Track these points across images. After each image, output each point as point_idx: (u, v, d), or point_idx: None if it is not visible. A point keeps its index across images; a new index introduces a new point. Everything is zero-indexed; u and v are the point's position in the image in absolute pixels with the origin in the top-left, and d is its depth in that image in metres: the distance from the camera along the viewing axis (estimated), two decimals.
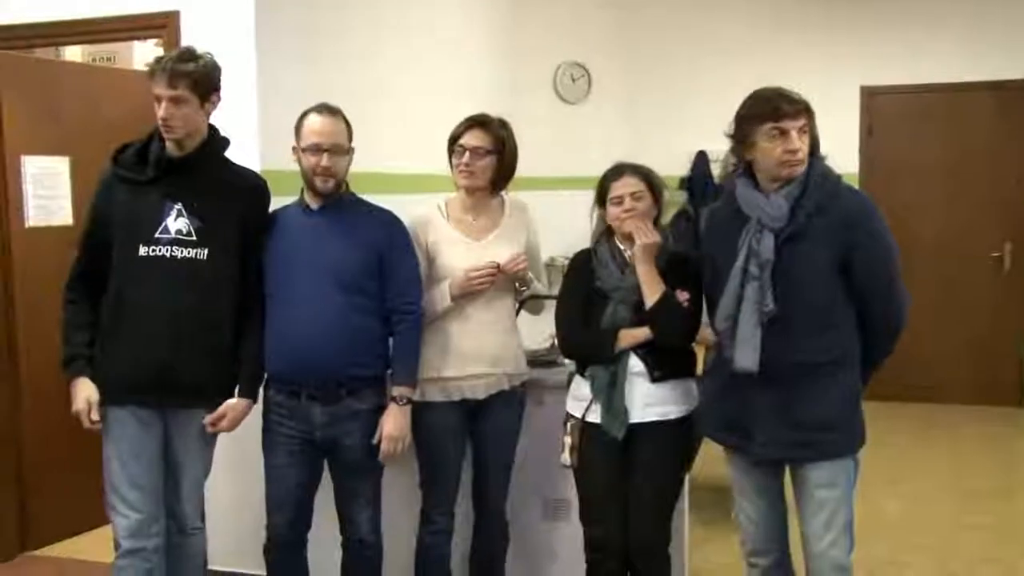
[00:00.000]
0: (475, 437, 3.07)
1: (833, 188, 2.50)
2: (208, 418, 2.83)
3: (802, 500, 2.59)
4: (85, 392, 2.77)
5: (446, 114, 4.81)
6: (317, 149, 2.82)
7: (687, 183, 6.35)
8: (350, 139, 2.90)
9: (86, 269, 2.83)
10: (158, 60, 2.75)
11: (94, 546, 4.08)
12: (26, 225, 4.10)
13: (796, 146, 2.45)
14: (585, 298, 2.88)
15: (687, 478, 3.01)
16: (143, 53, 5.16)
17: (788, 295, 2.47)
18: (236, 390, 2.88)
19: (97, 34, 3.92)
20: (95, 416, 2.76)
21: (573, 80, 6.49)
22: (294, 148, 2.88)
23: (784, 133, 2.45)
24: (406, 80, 4.53)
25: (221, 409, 2.83)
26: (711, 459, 3.15)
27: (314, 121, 2.85)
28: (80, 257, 2.86)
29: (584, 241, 5.35)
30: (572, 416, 2.90)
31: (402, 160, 4.01)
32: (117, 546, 2.82)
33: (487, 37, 5.68)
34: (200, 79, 2.72)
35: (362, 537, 2.94)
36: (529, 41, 6.09)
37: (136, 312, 2.75)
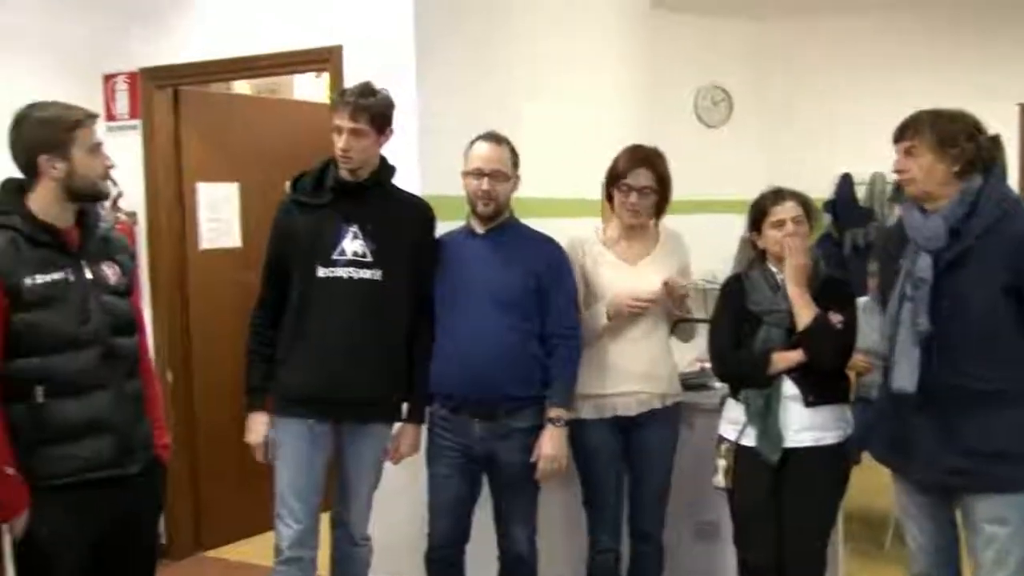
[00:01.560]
0: (630, 456, 3.12)
1: (1009, 210, 2.45)
2: (390, 448, 3.00)
3: (970, 532, 2.54)
4: (259, 428, 2.96)
5: (590, 139, 4.93)
6: (479, 174, 2.95)
7: (831, 206, 6.24)
8: (514, 166, 3.00)
9: (270, 293, 2.99)
10: (341, 94, 2.91)
11: (258, 550, 4.26)
12: (200, 248, 4.39)
13: (899, 167, 2.54)
14: (738, 321, 2.91)
15: (841, 506, 2.99)
16: (302, 85, 5.44)
17: (949, 317, 2.44)
18: (405, 413, 3.02)
19: (266, 69, 4.15)
20: (271, 455, 2.94)
21: (714, 103, 6.47)
22: (463, 172, 3.01)
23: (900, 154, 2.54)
24: (553, 108, 4.64)
25: (395, 440, 3.00)
26: (865, 490, 3.11)
27: (479, 147, 2.98)
28: (264, 282, 3.02)
29: (723, 265, 5.38)
30: (725, 439, 2.92)
31: (553, 185, 4.12)
32: (278, 553, 2.97)
33: (627, 62, 5.74)
34: (378, 114, 2.86)
35: (518, 553, 3.03)
36: (669, 64, 6.12)
37: (313, 329, 2.89)
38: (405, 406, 3.04)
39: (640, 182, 3.07)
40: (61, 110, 2.44)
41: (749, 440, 2.84)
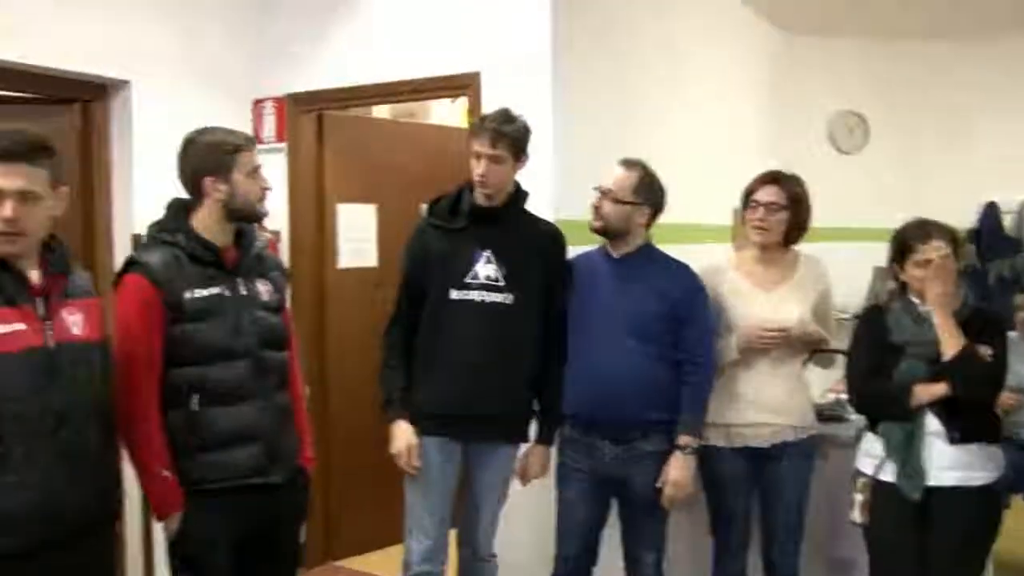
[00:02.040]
0: (762, 488, 3.08)
1: None
2: (518, 471, 3.03)
3: None
4: (405, 436, 2.95)
5: (722, 165, 4.91)
6: (597, 190, 3.01)
7: (974, 236, 6.01)
8: (639, 196, 3.00)
9: (404, 312, 3.06)
10: (480, 120, 2.97)
11: (386, 562, 4.36)
12: (338, 266, 4.54)
13: None
14: (878, 352, 2.85)
15: (991, 552, 2.87)
16: (439, 109, 5.58)
17: None
18: (535, 434, 3.05)
19: (406, 95, 4.28)
20: (415, 462, 2.93)
21: (849, 129, 6.34)
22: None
23: None
24: (687, 134, 4.65)
25: (524, 461, 3.03)
26: (1017, 535, 2.97)
27: (611, 170, 3.03)
28: (399, 301, 3.09)
29: (855, 295, 5.24)
30: (863, 473, 2.85)
31: (685, 211, 4.10)
32: (407, 567, 3.03)
33: (759, 88, 5.70)
34: (517, 141, 2.92)
35: None
36: (802, 90, 6.04)
37: (445, 350, 2.95)
38: (534, 427, 3.07)
39: (766, 198, 3.05)
40: (224, 135, 2.59)
41: (888, 476, 2.76)
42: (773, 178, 3.09)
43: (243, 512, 2.53)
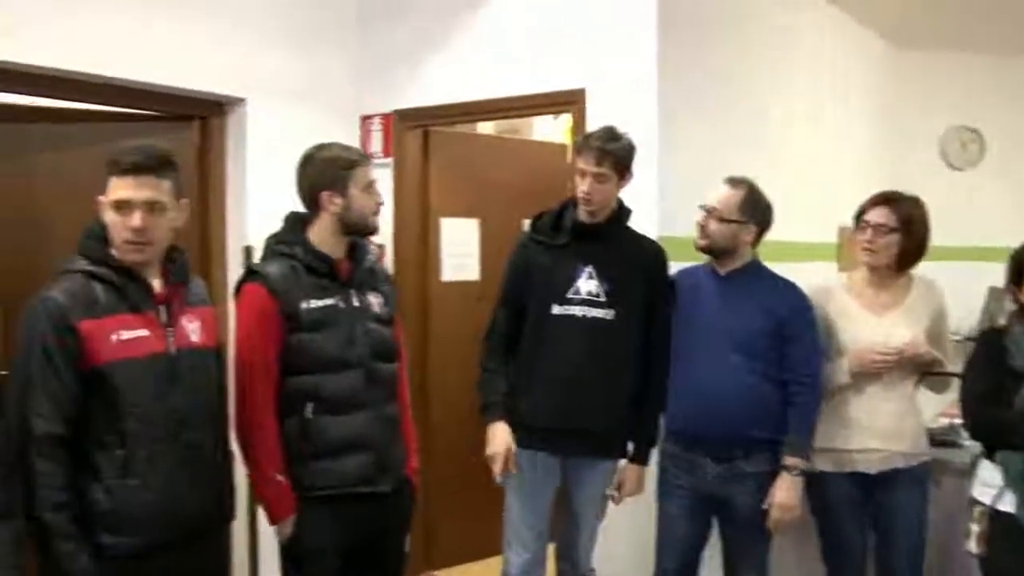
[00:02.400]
0: (876, 517, 3.01)
1: None
2: (610, 491, 3.02)
3: None
4: (503, 437, 2.94)
5: (829, 181, 4.82)
6: (701, 208, 2.98)
7: None
8: (744, 215, 2.96)
9: (502, 323, 3.08)
10: (586, 138, 2.98)
11: (483, 574, 4.43)
12: (441, 279, 4.60)
13: None
14: (996, 378, 2.74)
15: None
16: (541, 125, 5.62)
17: None
18: (630, 452, 3.04)
19: (511, 111, 4.31)
20: (511, 467, 2.92)
21: (963, 145, 6.14)
22: None
23: None
24: (794, 150, 4.58)
25: (618, 479, 3.02)
26: None
27: (716, 187, 3.01)
28: (497, 312, 3.11)
29: (968, 317, 5.06)
30: (979, 502, 2.75)
31: (792, 229, 4.04)
32: None
33: (869, 103, 5.57)
34: (621, 159, 2.92)
35: None
36: (914, 105, 5.88)
37: (545, 365, 2.97)
38: (631, 445, 3.06)
39: (876, 219, 2.98)
40: (341, 151, 2.66)
41: (1007, 506, 2.66)
42: (885, 199, 3.02)
43: (352, 520, 2.58)
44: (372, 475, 2.60)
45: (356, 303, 2.64)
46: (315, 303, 2.55)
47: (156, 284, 2.29)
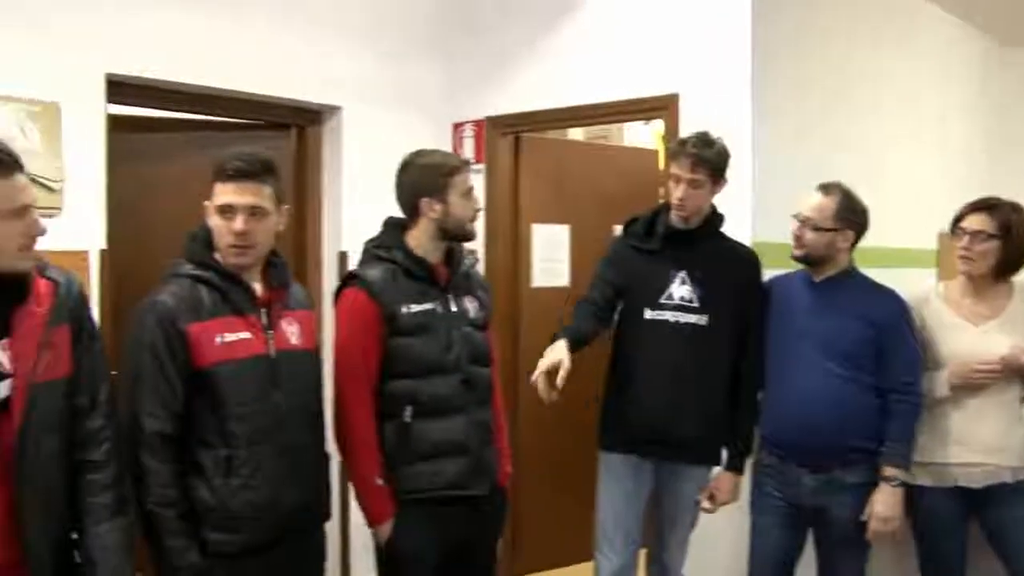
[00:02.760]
0: (985, 535, 2.92)
1: None
2: (702, 497, 2.99)
3: None
4: (559, 355, 2.71)
5: (929, 188, 4.69)
6: (795, 217, 2.93)
7: None
8: (841, 221, 2.90)
9: (590, 298, 3.02)
10: (681, 144, 2.96)
11: None
12: (532, 285, 4.62)
13: None
14: None
15: None
16: (632, 130, 5.60)
17: None
18: (724, 460, 3.01)
19: (603, 117, 4.31)
20: (556, 381, 2.66)
21: None
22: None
23: None
24: (891, 155, 4.48)
25: (712, 487, 2.99)
26: None
27: (808, 195, 2.95)
28: (591, 289, 3.06)
29: None
30: None
31: (892, 235, 3.96)
32: None
33: (971, 107, 5.41)
34: (716, 165, 2.90)
35: None
36: (1019, 104, 5.68)
37: (638, 370, 2.97)
38: (725, 452, 3.03)
39: (973, 226, 2.89)
40: (442, 157, 2.70)
41: None
42: (984, 205, 2.92)
43: (448, 523, 2.61)
44: (468, 479, 2.63)
45: (453, 308, 2.67)
46: (414, 308, 2.59)
47: (257, 288, 2.36)
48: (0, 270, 1.79)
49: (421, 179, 2.65)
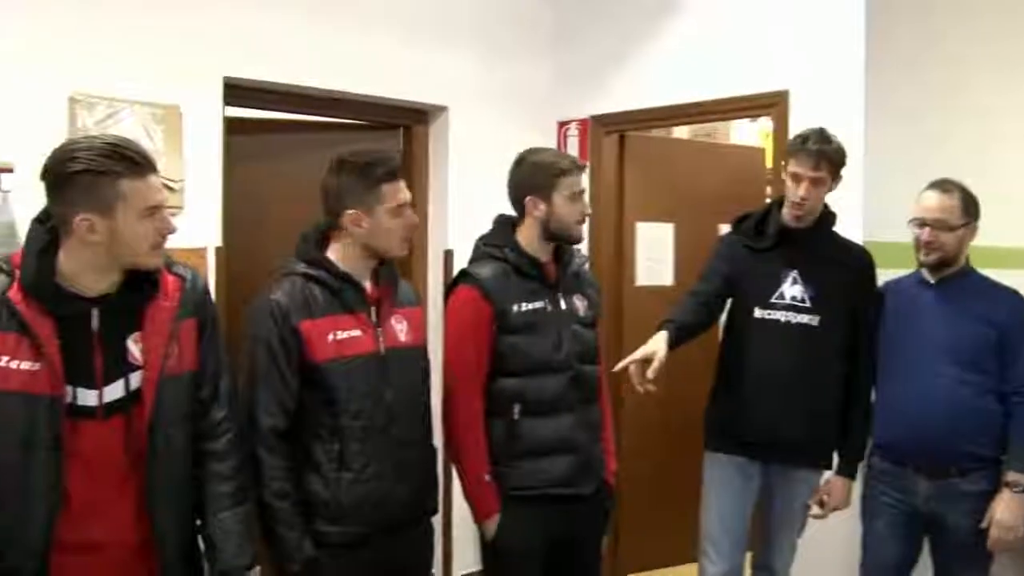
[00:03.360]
0: None
1: None
2: (812, 503, 2.95)
3: None
4: (658, 344, 2.77)
5: None
6: (920, 224, 2.82)
7: None
8: (967, 215, 2.83)
9: (697, 292, 3.02)
10: (802, 140, 2.89)
11: None
12: (636, 284, 4.60)
13: None
14: None
15: None
16: (738, 129, 5.52)
17: None
18: (836, 465, 2.95)
19: (711, 114, 4.27)
20: (649, 373, 2.70)
21: None
22: (908, 221, 2.88)
23: None
24: (1009, 151, 4.30)
25: (823, 491, 2.94)
26: None
27: (924, 196, 2.86)
28: (701, 281, 3.05)
29: None
30: None
31: (1008, 234, 3.81)
32: None
33: None
34: (837, 161, 2.86)
35: None
36: None
37: (748, 370, 2.93)
38: (836, 456, 2.96)
39: None
40: (552, 157, 2.71)
41: None
42: None
43: (553, 520, 2.62)
44: (575, 477, 2.64)
45: (563, 306, 2.67)
46: (525, 306, 2.60)
47: (367, 286, 2.40)
48: (133, 267, 1.87)
49: (530, 177, 2.66)
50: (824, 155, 2.82)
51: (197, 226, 3.40)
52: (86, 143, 1.82)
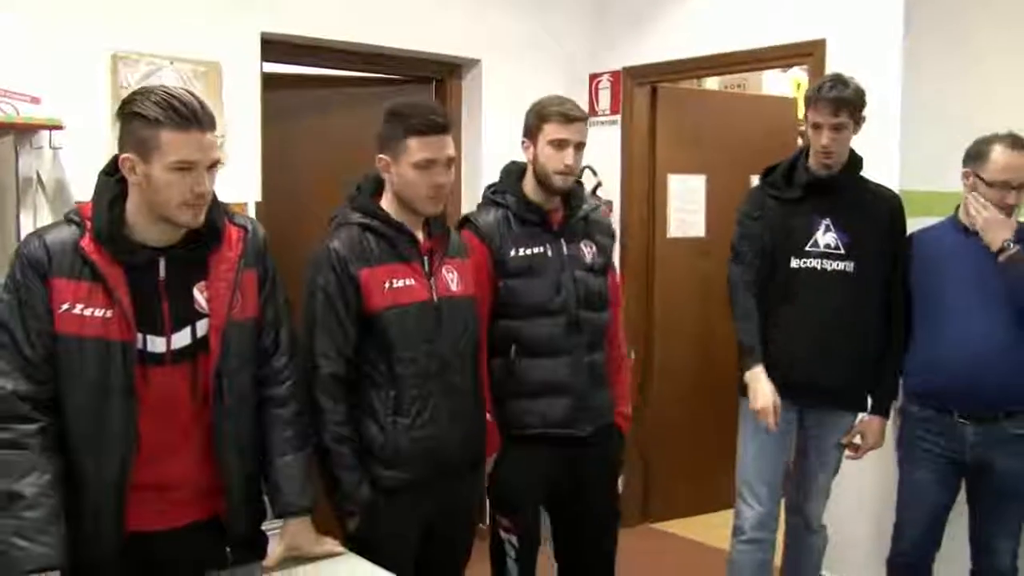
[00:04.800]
0: None
1: None
2: (846, 441, 2.99)
3: None
4: (768, 390, 2.88)
5: None
6: (1006, 186, 2.77)
7: None
8: None
9: (743, 275, 3.02)
10: (817, 88, 2.89)
11: (704, 530, 4.45)
12: (667, 235, 4.63)
13: None
14: None
15: None
16: (770, 80, 5.49)
17: None
18: (871, 405, 2.99)
19: (745, 65, 4.26)
20: (775, 422, 2.87)
21: None
22: (966, 173, 2.85)
23: None
24: None
25: (858, 431, 2.98)
26: None
27: (1003, 155, 2.77)
28: (733, 268, 3.06)
29: None
30: None
31: None
32: (739, 532, 3.07)
33: None
34: (857, 105, 2.84)
35: (1000, 569, 2.86)
36: None
37: (785, 318, 2.95)
38: (870, 399, 3.00)
39: None
40: (546, 101, 2.69)
41: None
42: None
43: (552, 461, 2.70)
44: (570, 419, 2.69)
45: (565, 252, 2.72)
46: (523, 251, 2.66)
47: (419, 236, 2.44)
48: (169, 220, 1.87)
49: (527, 121, 2.71)
50: (842, 101, 2.80)
51: (238, 181, 3.44)
52: (149, 91, 1.84)
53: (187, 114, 1.82)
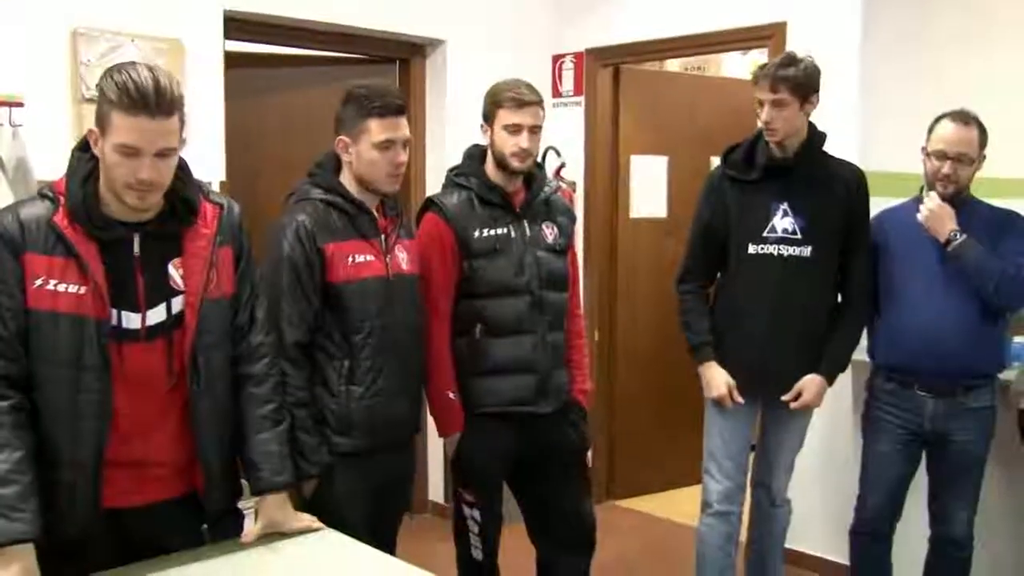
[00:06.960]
0: None
1: None
2: (787, 397, 2.98)
3: None
4: (722, 377, 2.99)
5: None
6: (942, 156, 2.84)
7: None
8: (982, 147, 2.87)
9: (701, 260, 3.08)
10: (762, 67, 2.94)
11: (669, 506, 4.53)
12: (630, 216, 4.67)
13: None
14: None
15: None
16: (729, 63, 5.54)
17: None
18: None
19: (706, 47, 4.31)
20: (738, 399, 2.98)
21: None
22: (923, 148, 2.92)
23: None
24: (1011, 81, 4.34)
25: (796, 389, 2.97)
26: None
27: (945, 128, 2.86)
28: (694, 249, 3.10)
29: None
30: None
31: (1007, 165, 3.87)
32: (706, 506, 3.12)
33: None
34: (801, 82, 2.83)
35: (955, 537, 2.95)
36: None
37: (742, 305, 2.98)
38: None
39: None
40: (501, 86, 2.72)
41: None
42: None
43: (515, 437, 2.76)
44: (532, 397, 2.75)
45: (528, 232, 2.76)
46: (487, 232, 2.70)
47: (376, 216, 2.48)
48: (120, 200, 1.86)
49: (484, 105, 2.74)
50: (780, 79, 2.81)
51: (201, 161, 3.37)
52: (120, 67, 1.82)
53: (136, 98, 1.77)
